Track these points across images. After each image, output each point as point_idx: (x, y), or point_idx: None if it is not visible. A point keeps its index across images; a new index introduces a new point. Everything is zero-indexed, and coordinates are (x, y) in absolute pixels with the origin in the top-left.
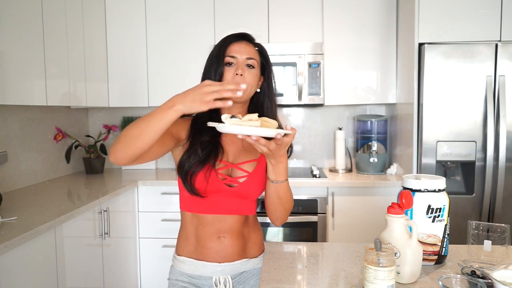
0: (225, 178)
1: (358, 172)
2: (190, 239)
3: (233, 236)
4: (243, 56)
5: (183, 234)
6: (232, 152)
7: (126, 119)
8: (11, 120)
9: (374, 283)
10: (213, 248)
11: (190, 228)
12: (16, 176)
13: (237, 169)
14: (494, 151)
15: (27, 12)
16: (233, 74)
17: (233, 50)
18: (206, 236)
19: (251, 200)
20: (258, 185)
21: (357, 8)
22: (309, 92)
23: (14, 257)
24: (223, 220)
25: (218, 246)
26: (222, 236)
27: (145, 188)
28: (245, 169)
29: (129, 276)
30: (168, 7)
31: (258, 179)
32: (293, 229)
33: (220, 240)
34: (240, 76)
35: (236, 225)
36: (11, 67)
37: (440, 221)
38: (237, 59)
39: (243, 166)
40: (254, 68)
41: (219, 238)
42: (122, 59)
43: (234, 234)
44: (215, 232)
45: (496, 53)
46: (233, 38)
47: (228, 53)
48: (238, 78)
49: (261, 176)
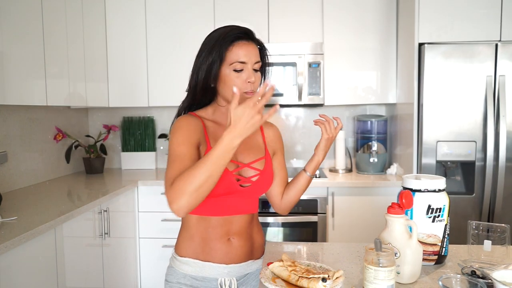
0: (239, 179)
1: (358, 172)
2: (196, 240)
3: (242, 237)
4: (252, 61)
5: (186, 235)
6: (239, 151)
7: (126, 119)
8: (11, 120)
9: (374, 283)
10: (222, 250)
11: (195, 230)
12: (16, 176)
13: (249, 168)
14: (494, 151)
15: (27, 12)
16: (245, 81)
17: (243, 55)
18: (216, 238)
19: (255, 198)
20: (269, 182)
21: (357, 8)
22: (309, 92)
23: (14, 257)
24: (232, 220)
25: (228, 247)
26: (231, 238)
27: (145, 188)
28: (256, 168)
29: (129, 276)
30: (168, 7)
31: (268, 176)
32: (293, 229)
33: (229, 242)
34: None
35: (244, 225)
36: (11, 67)
37: (440, 221)
38: (247, 64)
39: (254, 164)
40: (258, 70)
41: (229, 240)
42: (122, 59)
43: (243, 235)
44: (225, 233)
45: (496, 53)
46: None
47: (238, 57)
48: (250, 85)
49: (270, 172)
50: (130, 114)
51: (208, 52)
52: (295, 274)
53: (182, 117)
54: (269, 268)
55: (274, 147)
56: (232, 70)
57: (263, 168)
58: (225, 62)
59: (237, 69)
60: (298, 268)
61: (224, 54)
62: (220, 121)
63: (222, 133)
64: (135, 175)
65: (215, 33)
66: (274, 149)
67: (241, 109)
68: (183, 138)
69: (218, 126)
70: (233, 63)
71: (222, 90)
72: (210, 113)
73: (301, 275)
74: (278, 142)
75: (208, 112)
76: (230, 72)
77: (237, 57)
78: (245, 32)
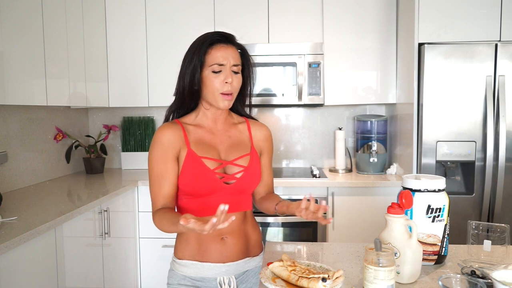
0: (222, 176)
1: (358, 172)
2: (191, 242)
3: (235, 235)
4: (230, 63)
5: (182, 237)
6: (223, 150)
7: (126, 119)
8: (11, 120)
9: (374, 283)
10: (217, 250)
11: (189, 233)
12: (16, 176)
13: (232, 165)
14: (494, 151)
15: (27, 12)
16: (222, 82)
17: (221, 57)
18: (209, 238)
19: (247, 195)
20: (255, 178)
21: (357, 8)
22: (309, 92)
23: (14, 257)
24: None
25: (222, 246)
26: (225, 237)
27: (145, 188)
28: (240, 164)
29: (129, 276)
30: (168, 7)
31: (253, 172)
32: (293, 229)
33: (223, 241)
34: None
35: (237, 223)
36: (11, 67)
37: (440, 221)
38: (225, 66)
39: (238, 161)
40: (239, 73)
41: (222, 239)
42: (122, 59)
43: (236, 233)
44: (218, 233)
45: (496, 53)
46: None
47: (216, 59)
48: (228, 86)
49: (256, 169)
50: (130, 114)
51: (191, 57)
52: (295, 274)
53: (159, 128)
54: (269, 268)
55: (262, 147)
56: (211, 72)
57: (247, 164)
58: (205, 65)
59: (215, 71)
60: (298, 268)
61: (204, 57)
62: (202, 124)
63: (202, 135)
64: (135, 175)
65: (197, 39)
66: (260, 149)
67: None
68: (160, 155)
69: (199, 129)
70: (212, 65)
71: (204, 92)
72: (193, 118)
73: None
74: (267, 143)
75: (191, 117)
76: (209, 74)
77: (215, 59)
78: (224, 36)
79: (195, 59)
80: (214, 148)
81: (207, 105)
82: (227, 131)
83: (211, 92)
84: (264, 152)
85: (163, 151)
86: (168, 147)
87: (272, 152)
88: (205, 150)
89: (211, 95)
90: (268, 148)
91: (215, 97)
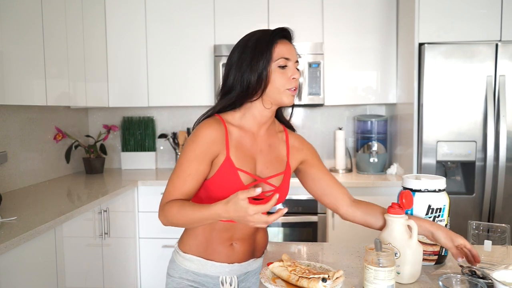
0: None
1: (358, 172)
2: (199, 239)
3: (245, 243)
4: (294, 58)
5: (191, 232)
6: (261, 163)
7: (126, 119)
8: (11, 120)
9: (374, 283)
10: (224, 253)
11: (201, 230)
12: (16, 176)
13: (265, 183)
14: (494, 151)
15: (27, 12)
16: (289, 78)
17: (287, 52)
18: (219, 241)
19: None
20: (281, 199)
21: (357, 8)
22: (309, 92)
23: (14, 257)
24: (237, 227)
25: (230, 251)
26: (234, 243)
27: (145, 188)
28: (272, 184)
29: (129, 276)
30: (168, 7)
31: (283, 194)
32: (293, 229)
33: (232, 247)
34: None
35: (249, 232)
36: (11, 67)
37: (440, 221)
38: (291, 61)
39: (271, 180)
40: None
41: (232, 245)
42: (122, 59)
43: (246, 241)
44: (228, 238)
45: (496, 53)
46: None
47: (282, 54)
48: (295, 82)
49: (286, 189)
50: (130, 114)
51: (254, 52)
52: (295, 274)
53: (207, 124)
54: (269, 268)
55: (301, 155)
56: (277, 67)
57: (279, 185)
58: (272, 59)
59: (281, 65)
60: (298, 268)
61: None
62: (245, 127)
63: (244, 139)
64: (135, 175)
65: (253, 36)
66: (301, 158)
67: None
68: (198, 153)
69: (242, 131)
70: (278, 59)
71: (268, 90)
72: (237, 118)
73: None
74: (305, 149)
75: (236, 117)
76: (275, 69)
77: (281, 54)
78: (289, 32)
79: (263, 53)
80: (252, 158)
81: (268, 103)
82: (268, 138)
83: (276, 88)
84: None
85: (202, 151)
86: (209, 149)
87: (318, 155)
88: (243, 160)
89: (275, 91)
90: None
91: (281, 93)
